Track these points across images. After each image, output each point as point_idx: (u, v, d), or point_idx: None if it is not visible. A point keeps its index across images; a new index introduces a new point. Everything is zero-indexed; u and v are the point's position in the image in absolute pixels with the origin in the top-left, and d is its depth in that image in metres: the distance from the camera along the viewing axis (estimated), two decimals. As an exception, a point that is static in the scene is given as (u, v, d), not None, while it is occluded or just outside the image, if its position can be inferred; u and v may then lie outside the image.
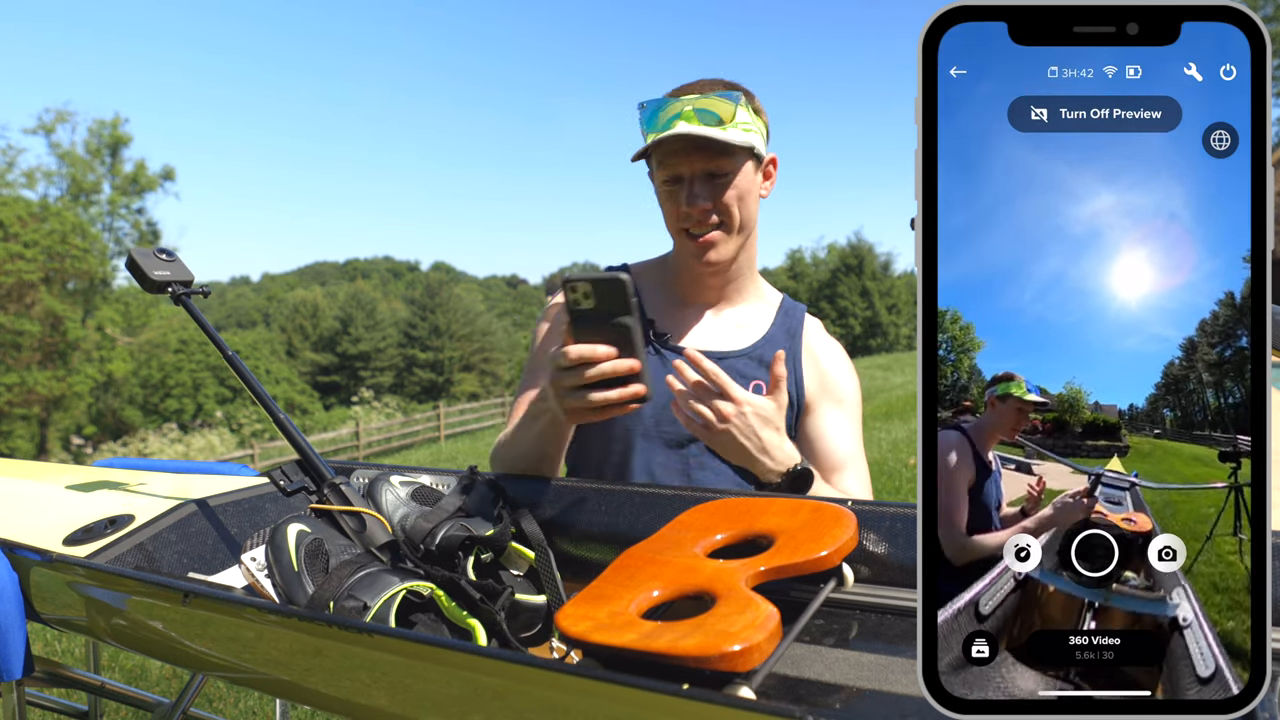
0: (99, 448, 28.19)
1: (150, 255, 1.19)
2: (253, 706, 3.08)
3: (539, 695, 0.60)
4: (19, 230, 26.29)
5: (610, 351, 0.96)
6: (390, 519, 0.99)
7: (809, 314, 1.46)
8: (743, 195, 1.30)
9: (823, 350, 1.42)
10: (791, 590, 0.79)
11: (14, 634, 1.01)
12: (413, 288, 53.58)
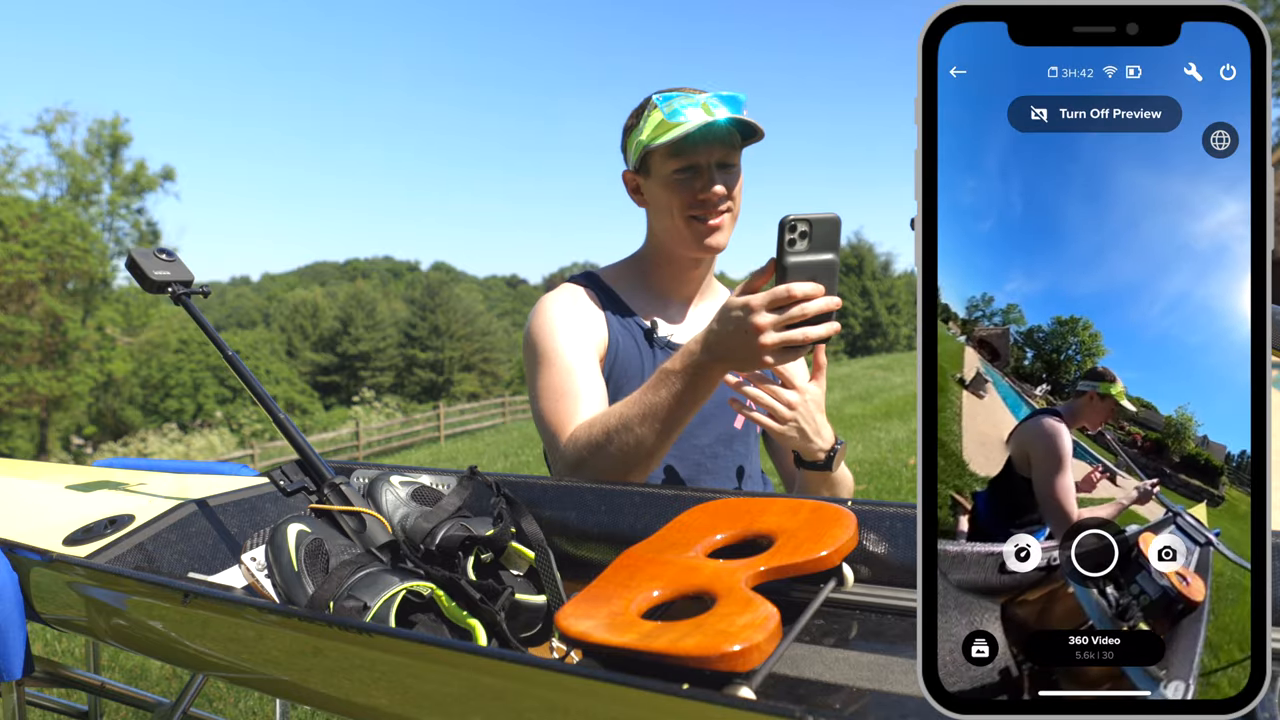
0: (99, 448, 28.19)
1: (150, 255, 1.19)
2: (253, 706, 3.08)
3: (539, 695, 0.60)
4: (19, 230, 26.29)
5: (820, 288, 0.98)
6: (390, 519, 0.99)
7: None
8: (741, 186, 1.39)
9: None
10: (791, 590, 0.79)
11: (14, 634, 1.01)
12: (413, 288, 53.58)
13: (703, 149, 1.33)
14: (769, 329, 0.98)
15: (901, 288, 44.74)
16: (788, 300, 0.98)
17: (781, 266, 0.98)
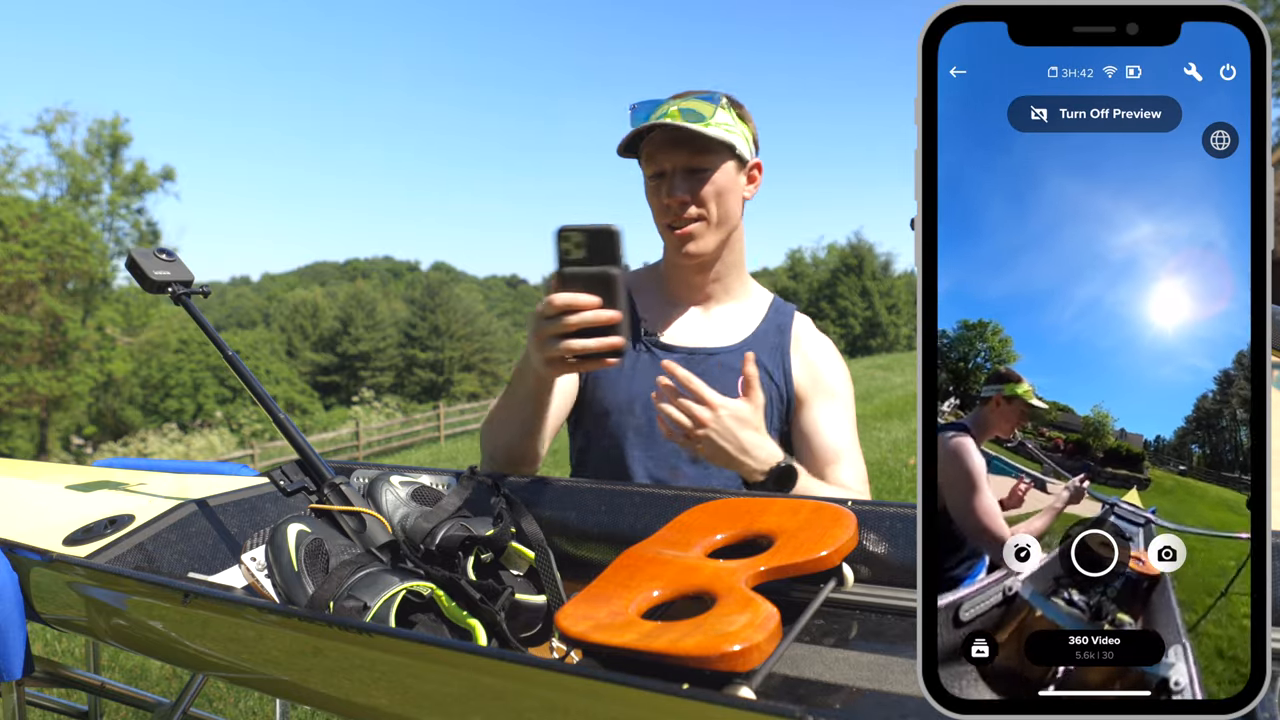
0: (99, 448, 28.19)
1: (150, 255, 1.19)
2: (253, 706, 3.08)
3: (539, 695, 0.60)
4: (19, 230, 26.29)
5: (593, 300, 0.98)
6: (390, 519, 0.99)
7: (799, 313, 1.49)
8: (721, 191, 1.34)
9: (812, 345, 1.44)
10: (791, 590, 0.79)
11: (14, 634, 1.01)
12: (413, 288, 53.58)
13: (665, 154, 1.32)
14: (544, 338, 1.00)
15: (901, 288, 44.73)
16: (560, 310, 0.98)
17: (559, 277, 0.97)
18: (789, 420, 1.40)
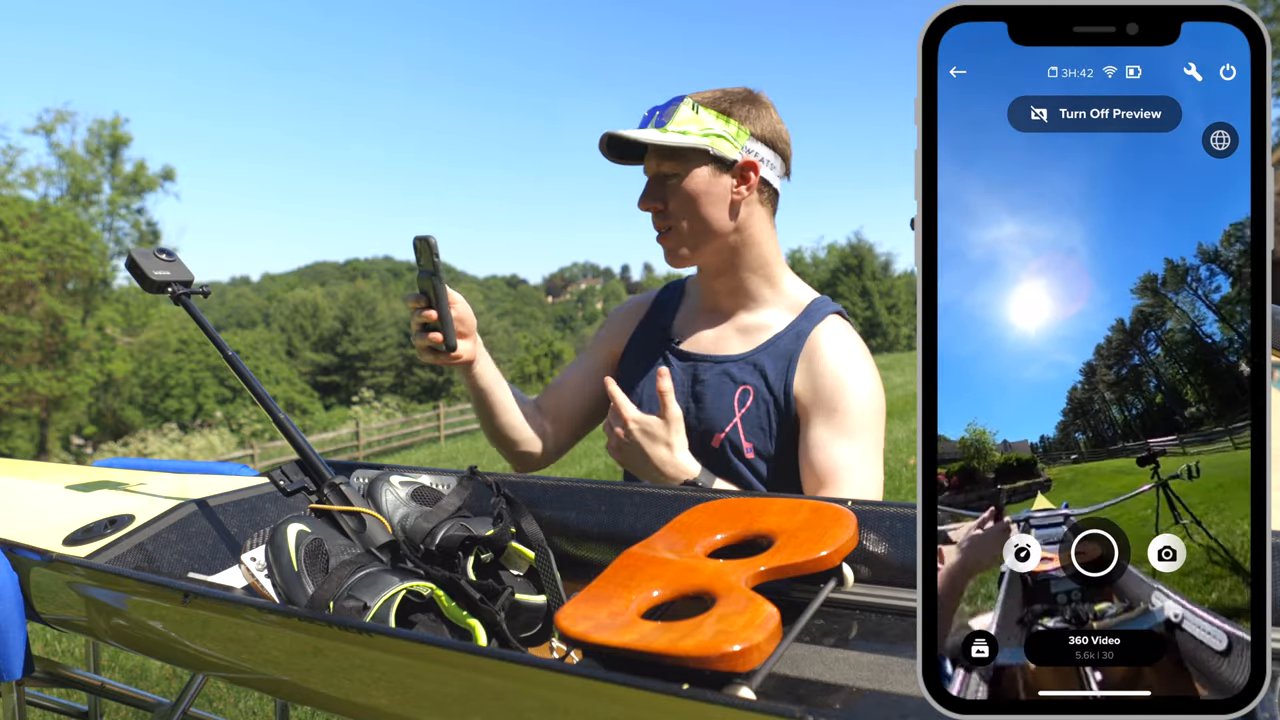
0: (99, 448, 28.19)
1: (150, 255, 1.19)
2: (253, 706, 3.08)
3: (539, 695, 0.60)
4: (19, 230, 26.28)
5: (418, 304, 1.27)
6: (390, 519, 0.99)
7: (837, 315, 1.37)
8: (695, 197, 1.31)
9: (824, 355, 1.32)
10: (791, 590, 0.79)
11: (14, 634, 1.01)
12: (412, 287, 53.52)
13: (647, 162, 1.34)
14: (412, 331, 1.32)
15: (901, 288, 44.71)
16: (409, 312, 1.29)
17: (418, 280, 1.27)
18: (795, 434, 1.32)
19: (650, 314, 1.50)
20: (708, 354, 1.38)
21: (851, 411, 1.29)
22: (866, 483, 1.28)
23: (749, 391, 1.33)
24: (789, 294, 1.40)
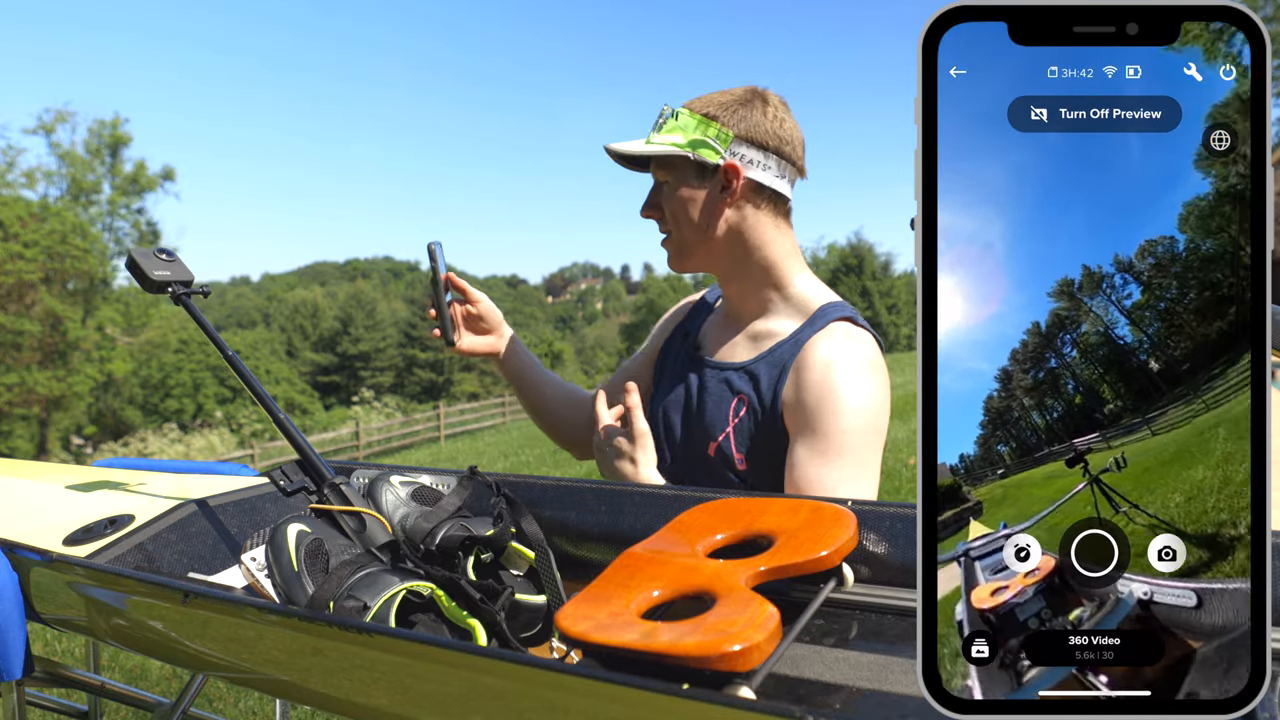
0: (99, 448, 28.19)
1: (150, 255, 1.19)
2: (253, 706, 3.08)
3: (539, 695, 0.60)
4: (19, 230, 26.28)
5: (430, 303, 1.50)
6: (390, 519, 0.99)
7: (844, 321, 1.30)
8: (683, 204, 1.32)
9: (814, 368, 1.23)
10: (791, 590, 0.79)
11: (14, 634, 1.01)
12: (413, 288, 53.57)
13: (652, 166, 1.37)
14: None
15: (901, 288, 44.71)
16: None
17: None
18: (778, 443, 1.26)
19: (688, 317, 1.53)
20: (718, 361, 1.38)
21: (833, 432, 1.20)
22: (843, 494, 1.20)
23: (743, 401, 1.30)
24: (799, 299, 1.33)
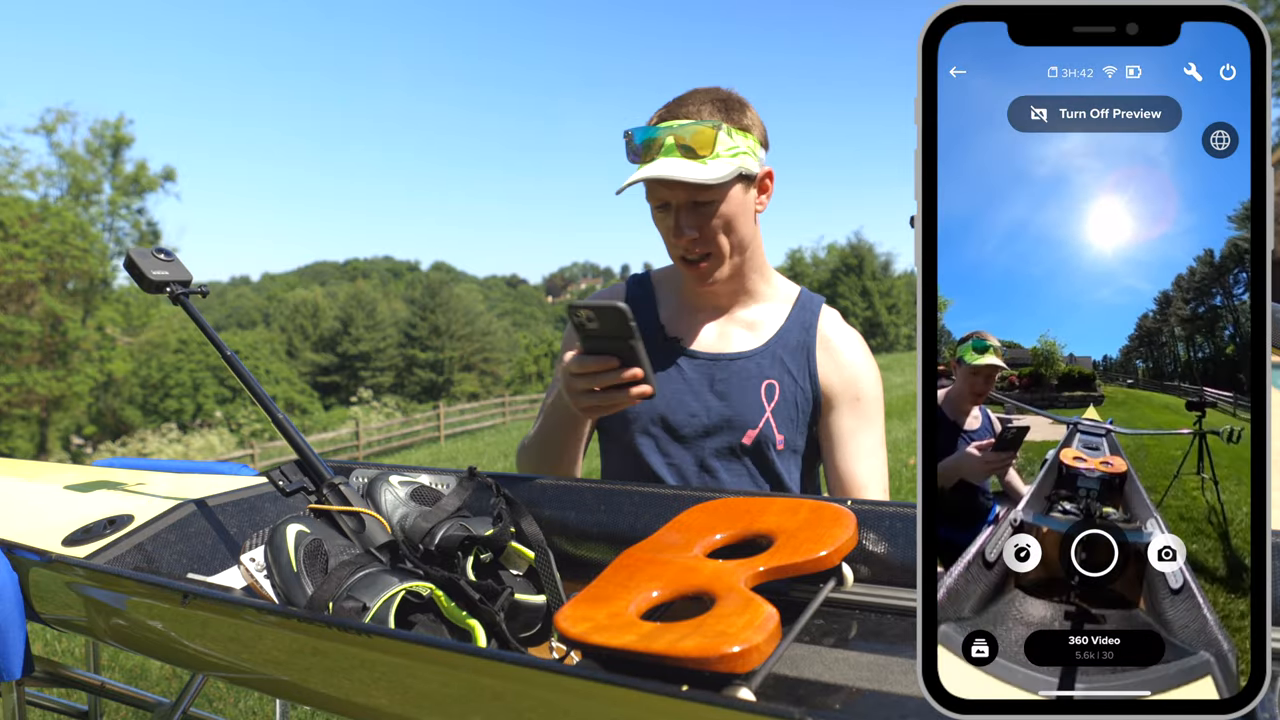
0: (98, 448, 28.19)
1: (149, 255, 1.19)
2: (253, 706, 3.08)
3: (538, 696, 0.60)
4: (19, 230, 26.28)
5: (613, 363, 1.07)
6: (389, 519, 0.99)
7: (826, 305, 1.44)
8: (731, 219, 1.30)
9: (839, 343, 1.39)
10: (791, 590, 0.79)
11: (14, 634, 1.01)
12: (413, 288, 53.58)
13: (668, 190, 1.28)
14: (576, 393, 1.11)
15: (901, 288, 44.71)
16: (585, 374, 1.08)
17: (584, 345, 1.08)
18: (816, 423, 1.38)
19: None
20: (720, 352, 1.38)
21: (872, 399, 1.39)
22: (883, 465, 1.38)
23: (774, 386, 1.35)
24: (778, 287, 1.44)
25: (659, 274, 1.50)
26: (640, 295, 1.47)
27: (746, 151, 1.30)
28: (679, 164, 1.24)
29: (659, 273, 1.50)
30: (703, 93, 1.32)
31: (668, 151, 1.25)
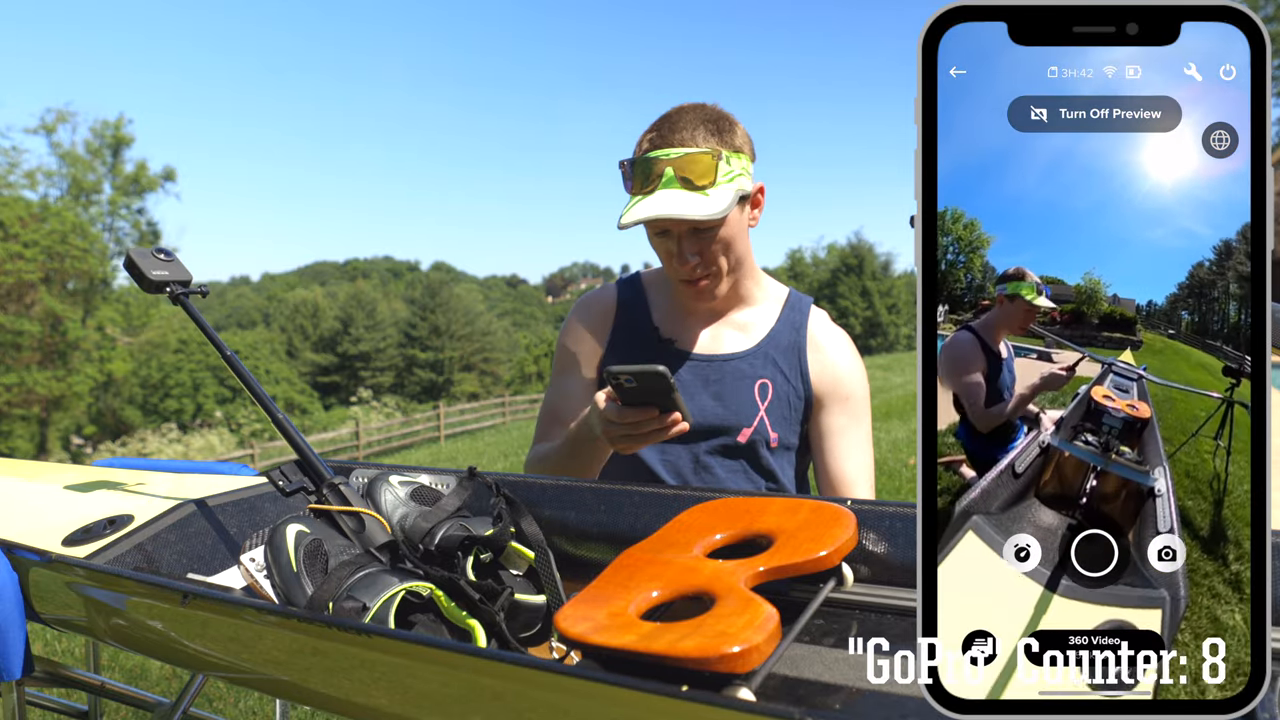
0: (98, 448, 28.19)
1: (148, 255, 1.19)
2: (253, 706, 3.08)
3: (538, 696, 0.60)
4: (19, 230, 26.28)
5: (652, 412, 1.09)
6: (389, 519, 0.99)
7: (815, 306, 1.47)
8: (730, 241, 1.32)
9: (830, 346, 1.42)
10: (791, 590, 0.79)
11: (14, 634, 1.01)
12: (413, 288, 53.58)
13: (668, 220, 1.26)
14: (614, 438, 1.13)
15: (901, 288, 44.72)
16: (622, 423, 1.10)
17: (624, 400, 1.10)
18: (807, 420, 1.40)
19: (623, 314, 1.47)
20: (714, 354, 1.40)
21: (861, 397, 1.41)
22: (869, 462, 1.40)
23: (767, 385, 1.37)
24: (768, 289, 1.47)
25: (649, 276, 1.51)
26: (631, 297, 1.48)
27: (741, 173, 1.30)
28: (682, 198, 1.24)
29: (649, 275, 1.51)
30: (691, 113, 1.31)
31: (668, 183, 1.25)
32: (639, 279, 1.51)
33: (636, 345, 1.44)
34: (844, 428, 1.39)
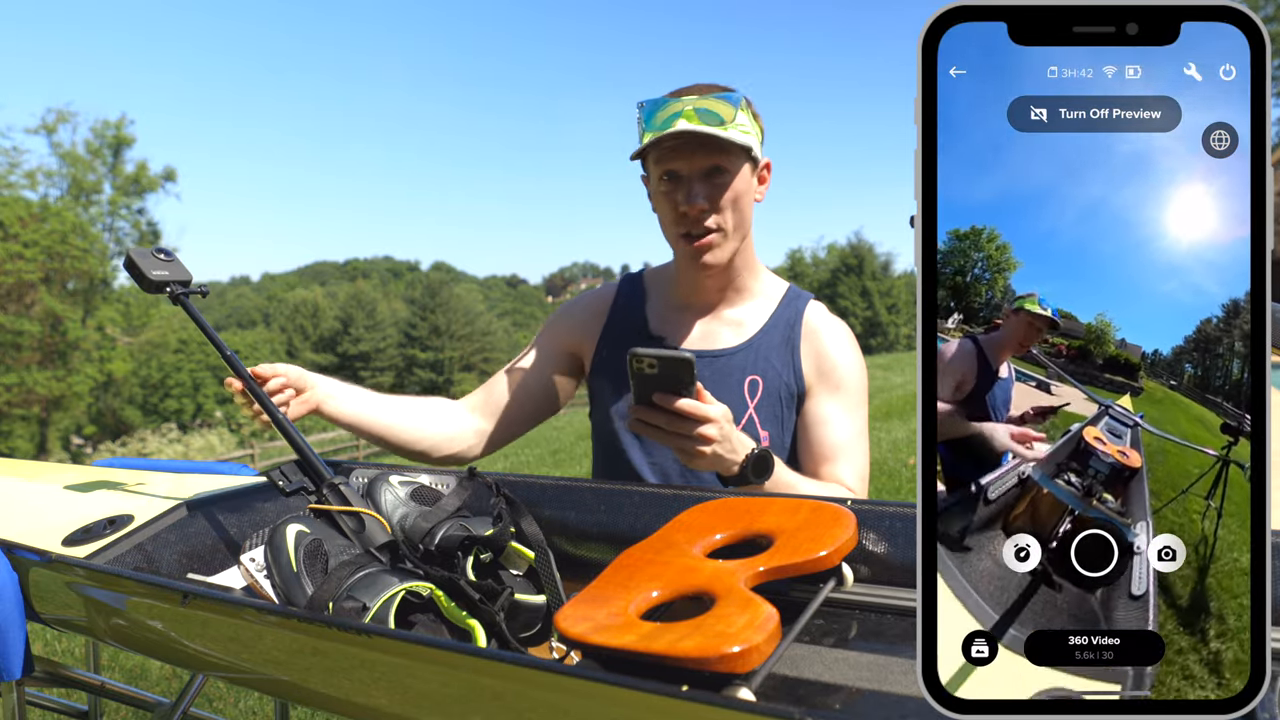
0: (98, 448, 28.18)
1: (148, 255, 1.19)
2: (253, 706, 3.08)
3: (538, 696, 0.60)
4: (19, 230, 26.28)
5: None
6: (389, 519, 0.99)
7: (814, 300, 1.44)
8: (739, 196, 1.30)
9: (822, 335, 1.39)
10: (791, 590, 0.79)
11: (14, 634, 1.01)
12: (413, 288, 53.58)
13: (683, 157, 1.26)
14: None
15: (901, 288, 44.75)
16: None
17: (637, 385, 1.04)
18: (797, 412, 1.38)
19: (618, 311, 1.47)
20: (704, 349, 1.38)
21: (854, 388, 1.37)
22: (862, 459, 1.35)
23: (757, 382, 1.35)
24: (766, 284, 1.44)
25: (652, 273, 1.50)
26: (631, 293, 1.47)
27: (755, 135, 1.31)
28: (701, 125, 1.24)
29: (653, 272, 1.50)
30: (710, 85, 1.32)
31: (687, 118, 1.25)
32: (642, 276, 1.51)
33: (623, 342, 1.42)
34: (830, 409, 1.34)
